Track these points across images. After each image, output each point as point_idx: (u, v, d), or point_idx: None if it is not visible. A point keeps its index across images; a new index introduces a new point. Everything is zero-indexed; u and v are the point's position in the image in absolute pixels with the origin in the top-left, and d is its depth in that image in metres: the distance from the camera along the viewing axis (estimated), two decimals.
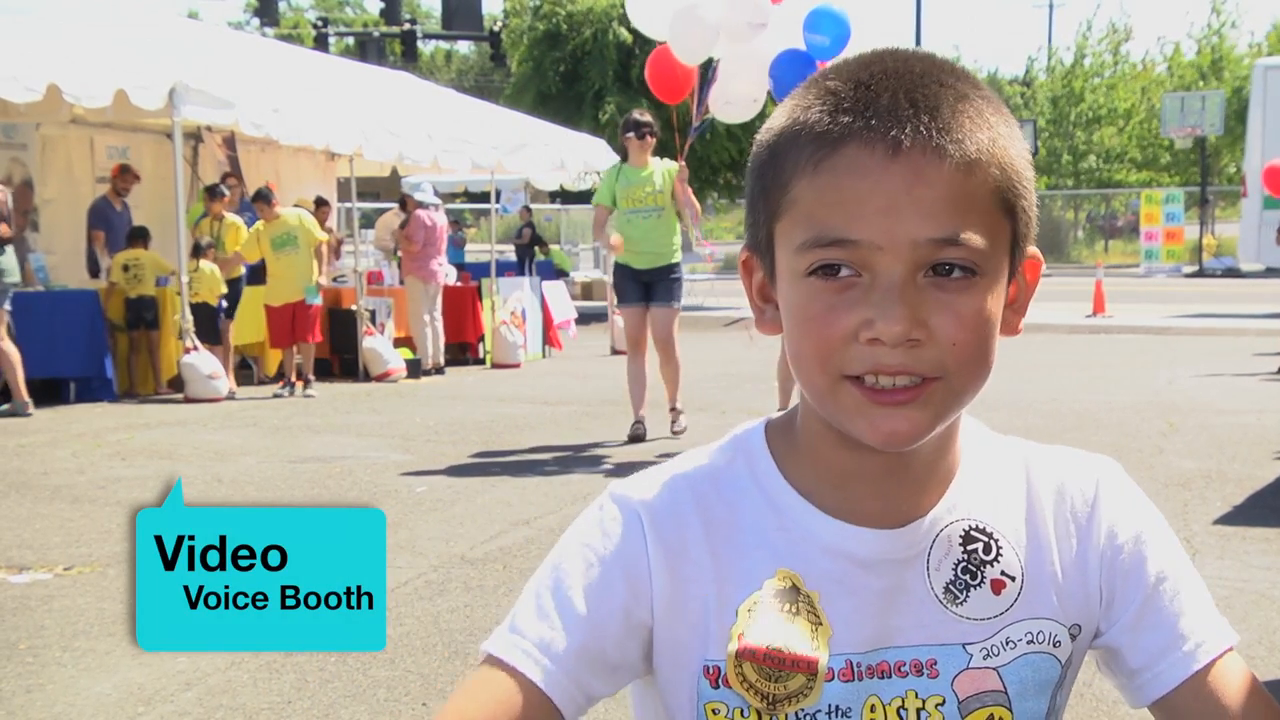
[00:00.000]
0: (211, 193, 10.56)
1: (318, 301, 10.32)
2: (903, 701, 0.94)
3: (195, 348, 9.73)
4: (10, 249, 8.67)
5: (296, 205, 10.82)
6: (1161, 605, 0.97)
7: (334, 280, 11.93)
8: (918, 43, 23.83)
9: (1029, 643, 0.95)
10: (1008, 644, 0.95)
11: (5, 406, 8.79)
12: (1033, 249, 0.94)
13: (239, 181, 11.44)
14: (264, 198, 10.27)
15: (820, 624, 0.93)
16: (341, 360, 11.11)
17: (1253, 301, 17.74)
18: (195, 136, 11.96)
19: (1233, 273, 25.22)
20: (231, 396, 9.81)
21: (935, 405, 0.87)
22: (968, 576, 0.95)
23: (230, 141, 11.90)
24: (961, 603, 0.95)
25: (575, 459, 6.99)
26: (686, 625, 0.95)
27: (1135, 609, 0.97)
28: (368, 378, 11.06)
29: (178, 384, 9.88)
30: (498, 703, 0.91)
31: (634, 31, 18.46)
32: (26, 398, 8.81)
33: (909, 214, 0.84)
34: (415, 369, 11.31)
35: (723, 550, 0.95)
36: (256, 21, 38.23)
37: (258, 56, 12.10)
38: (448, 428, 8.25)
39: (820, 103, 0.88)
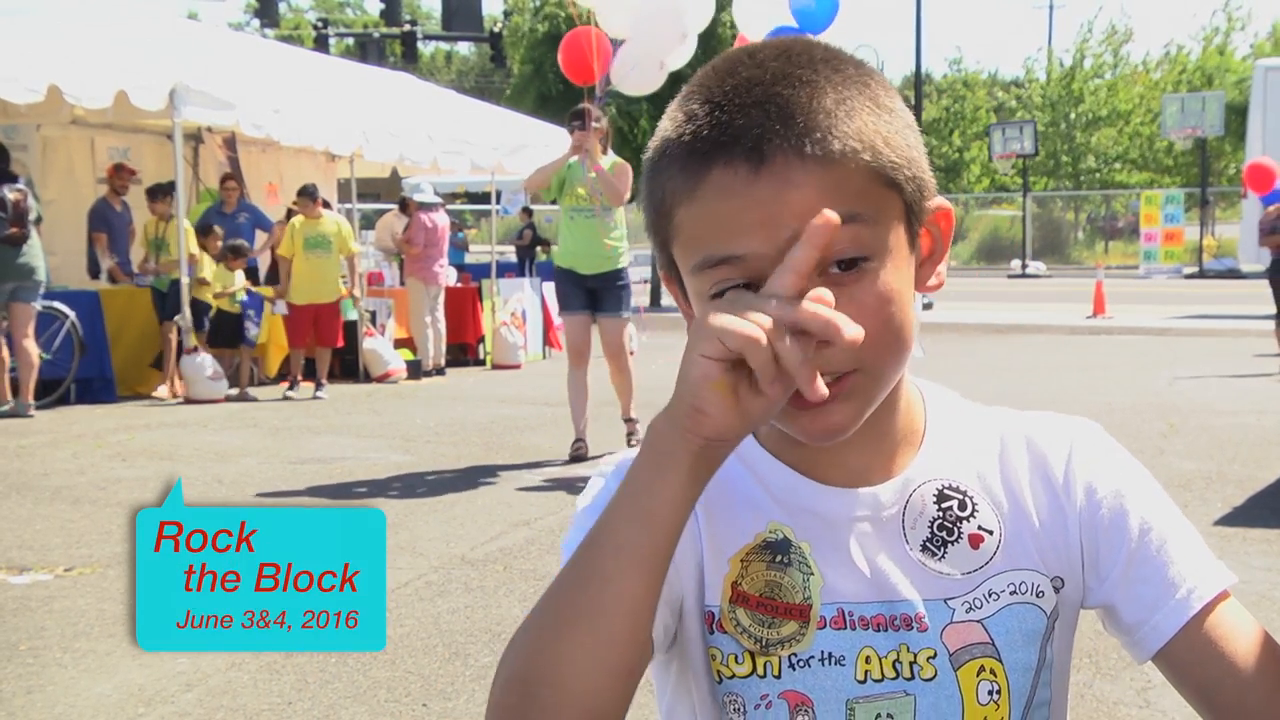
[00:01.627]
0: (152, 194, 10.25)
1: (353, 316, 10.41)
2: (897, 654, 0.95)
3: (195, 348, 9.73)
4: (37, 248, 8.75)
5: (294, 206, 10.77)
6: (1149, 556, 0.97)
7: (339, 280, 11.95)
8: (918, 43, 23.77)
9: (1011, 593, 0.96)
10: (990, 595, 0.96)
11: (7, 406, 8.81)
12: (937, 200, 0.94)
13: (239, 183, 11.42)
14: (309, 194, 10.23)
15: (813, 573, 0.96)
16: (342, 361, 11.11)
17: (1253, 302, 17.73)
18: (196, 137, 11.96)
19: (1233, 274, 25.23)
20: (246, 398, 9.77)
21: (858, 395, 0.89)
22: (944, 533, 0.97)
23: (231, 142, 11.90)
24: (940, 559, 0.96)
25: (575, 460, 6.99)
26: (690, 576, 0.97)
27: (1122, 564, 0.97)
28: (368, 379, 11.06)
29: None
30: None
31: None
32: (30, 400, 8.85)
33: (784, 219, 0.84)
34: (416, 370, 11.31)
35: (714, 507, 0.97)
36: (257, 22, 38.23)
37: (258, 57, 12.11)
38: (448, 428, 8.25)
39: (681, 129, 0.90)
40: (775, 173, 0.85)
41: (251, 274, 10.74)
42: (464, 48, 53.46)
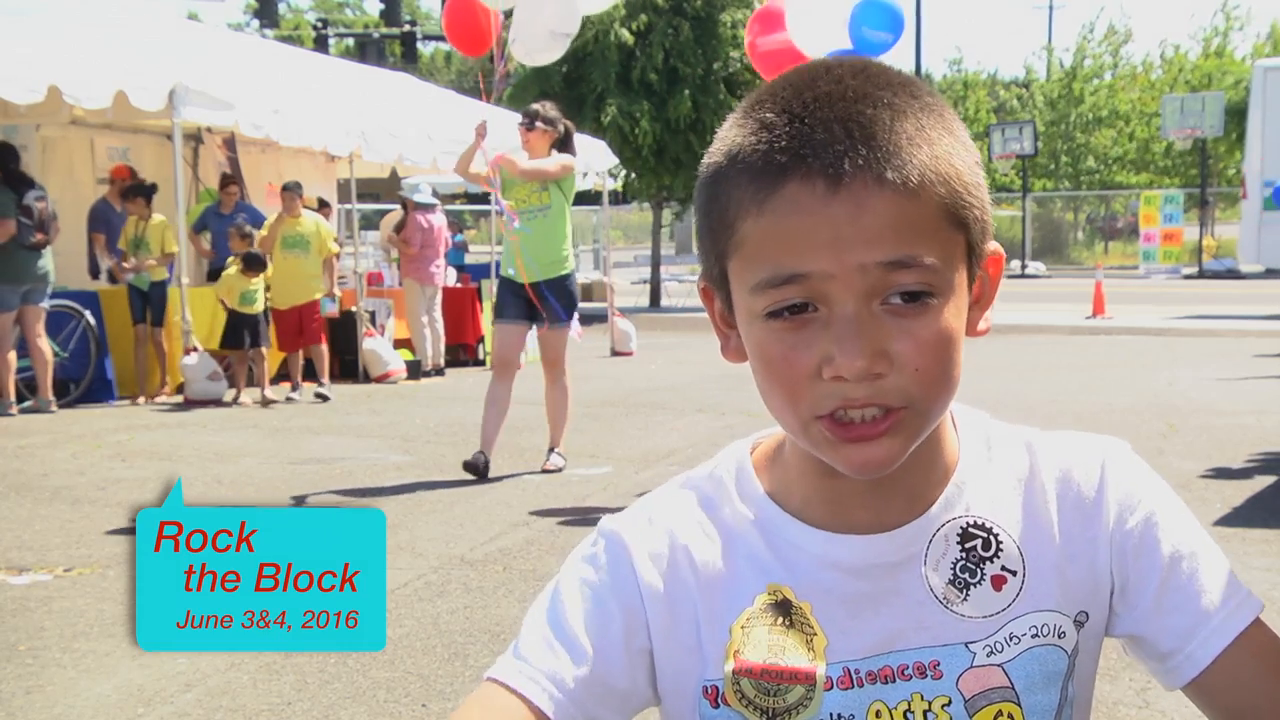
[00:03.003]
0: (128, 193, 10.10)
1: (333, 310, 10.30)
2: (909, 705, 0.93)
3: (195, 349, 9.72)
4: (48, 251, 9.00)
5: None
6: (1180, 585, 0.95)
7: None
8: (918, 43, 23.79)
9: (1033, 636, 0.94)
10: (1011, 639, 0.94)
11: (28, 403, 8.95)
12: (992, 245, 0.93)
13: (239, 185, 11.42)
14: (291, 191, 10.10)
15: (815, 634, 0.94)
16: (342, 361, 11.11)
17: (1252, 303, 17.74)
18: (195, 138, 11.96)
19: (1232, 274, 25.22)
20: (264, 402, 9.59)
21: (905, 431, 0.88)
22: (966, 575, 0.95)
23: (230, 143, 11.90)
24: (962, 602, 0.94)
25: (574, 460, 6.99)
26: (682, 648, 0.96)
27: (1153, 593, 0.96)
28: (368, 379, 11.06)
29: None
30: None
31: (636, 33, 18.49)
32: (50, 396, 9.00)
33: (855, 242, 0.83)
34: (415, 370, 11.31)
35: (711, 573, 0.96)
36: (256, 23, 38.23)
37: (258, 58, 12.11)
38: (448, 429, 8.25)
39: (755, 138, 0.87)
40: (853, 194, 0.83)
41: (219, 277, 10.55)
42: None
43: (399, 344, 11.84)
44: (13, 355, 8.86)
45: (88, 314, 9.63)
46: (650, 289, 21.10)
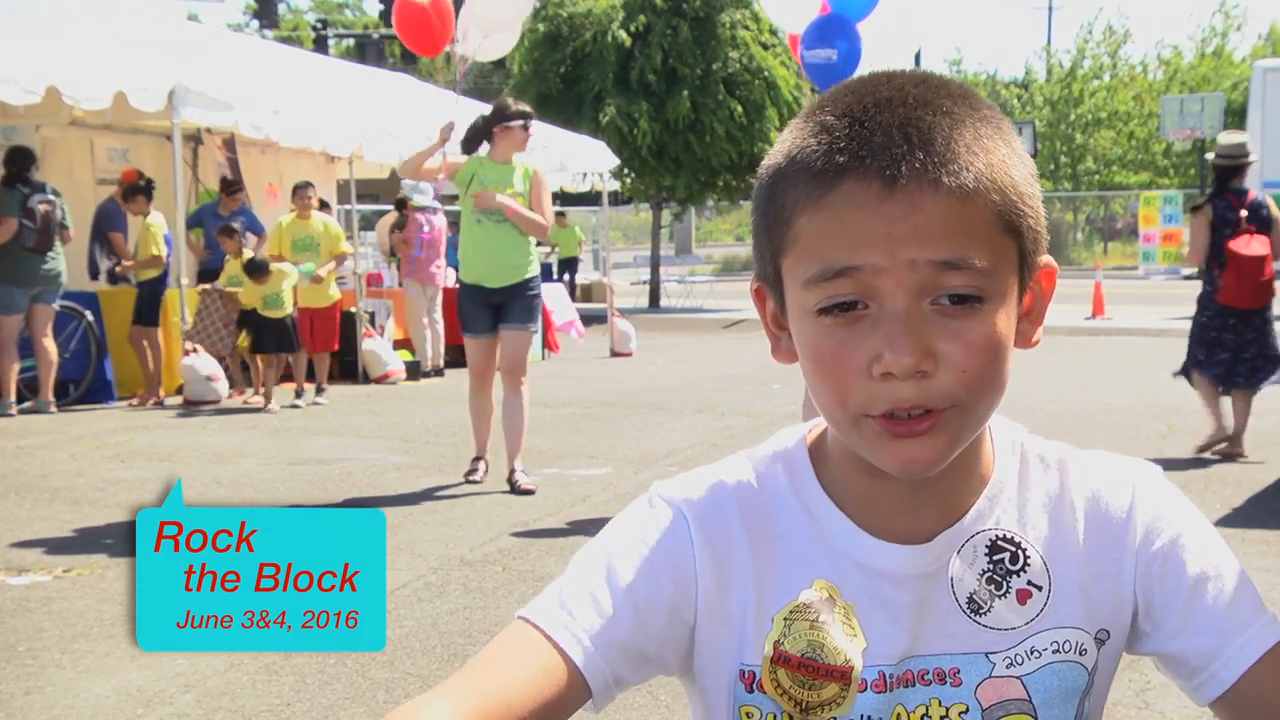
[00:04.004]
0: (131, 192, 10.03)
1: (309, 273, 9.80)
2: (926, 709, 0.95)
3: (194, 350, 9.72)
4: (60, 254, 9.05)
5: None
6: (1205, 606, 0.97)
7: (335, 281, 11.93)
8: (917, 45, 23.79)
9: (1055, 652, 0.96)
10: (1032, 653, 0.96)
11: (28, 403, 8.96)
12: (1046, 258, 0.95)
13: (240, 187, 11.40)
14: (305, 190, 9.99)
15: (855, 635, 0.95)
16: (341, 362, 11.10)
17: None
18: (195, 138, 11.96)
19: None
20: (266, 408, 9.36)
21: (951, 431, 0.89)
22: (992, 586, 0.96)
23: (230, 143, 11.90)
24: (986, 612, 0.96)
25: (574, 461, 6.99)
26: (726, 628, 0.97)
27: (1179, 613, 0.98)
28: (367, 380, 11.06)
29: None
30: (538, 670, 0.92)
31: (634, 34, 18.49)
32: (50, 397, 9.00)
33: (908, 239, 0.85)
34: (415, 371, 11.31)
35: (763, 557, 0.97)
36: (256, 23, 38.26)
37: (257, 58, 12.11)
38: (447, 430, 8.25)
39: (815, 140, 0.89)
40: (908, 195, 0.85)
41: (212, 276, 10.35)
42: None
43: (398, 345, 11.83)
44: (9, 358, 8.86)
45: (88, 314, 9.63)
46: (650, 290, 21.11)
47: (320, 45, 27.02)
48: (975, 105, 0.91)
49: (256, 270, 9.52)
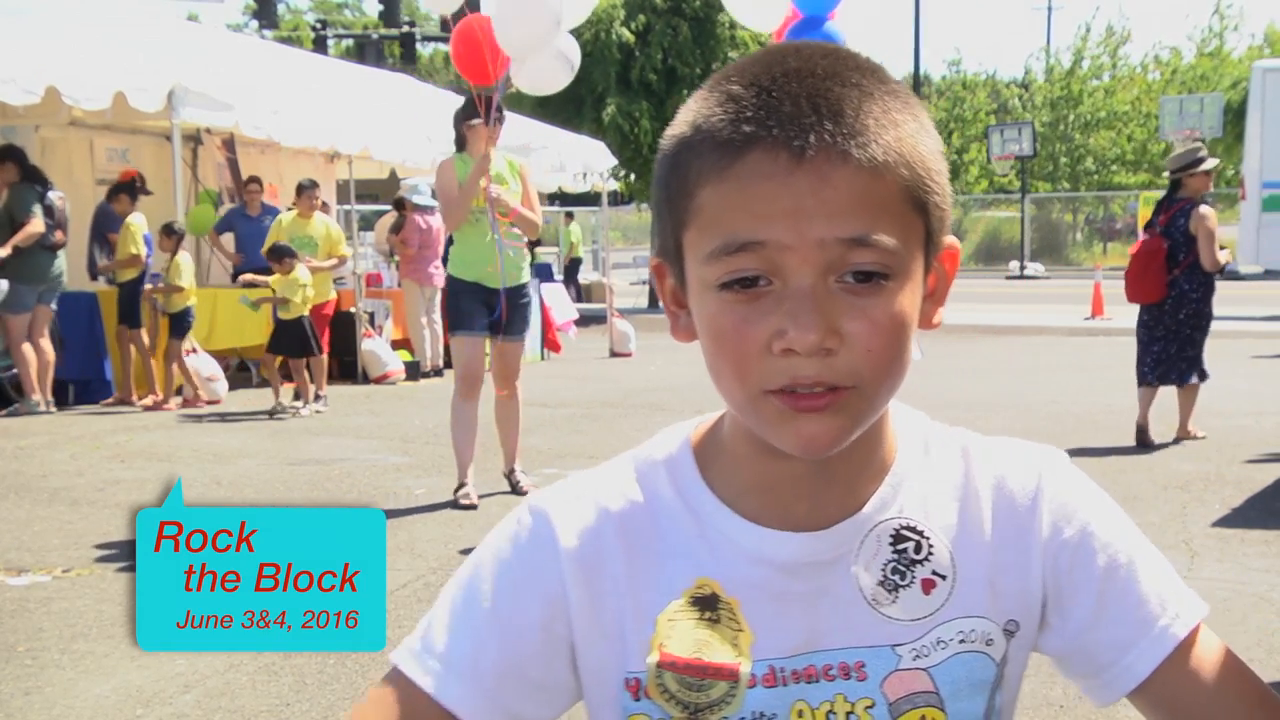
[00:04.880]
0: (117, 190, 9.97)
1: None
2: (831, 705, 0.92)
3: (194, 350, 9.71)
4: (62, 253, 9.08)
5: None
6: (1118, 596, 0.94)
7: (334, 282, 11.92)
8: (917, 43, 23.84)
9: (960, 642, 0.93)
10: (938, 644, 0.93)
11: (15, 405, 8.95)
12: (949, 239, 0.92)
13: (238, 187, 11.40)
14: (306, 189, 9.84)
15: (741, 631, 0.92)
16: (340, 362, 11.11)
17: (1251, 304, 17.75)
18: (195, 139, 11.96)
19: (1231, 275, 25.22)
20: (277, 413, 9.14)
21: (851, 411, 0.86)
22: (897, 577, 0.93)
23: (230, 144, 11.90)
24: (890, 604, 0.93)
25: (573, 461, 6.99)
26: (605, 638, 0.93)
27: (1091, 605, 0.94)
28: (366, 380, 11.06)
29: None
30: None
31: (636, 33, 18.49)
32: (48, 397, 8.98)
33: (816, 215, 0.82)
34: (414, 371, 11.31)
35: (640, 561, 0.94)
36: (255, 24, 38.23)
37: (257, 59, 12.12)
38: (446, 430, 8.16)
39: (722, 109, 0.86)
40: (816, 167, 0.82)
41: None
42: None
43: (397, 345, 11.83)
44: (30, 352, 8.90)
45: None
46: (649, 290, 21.10)
47: (320, 45, 27.00)
48: (884, 79, 0.88)
49: (279, 255, 9.25)
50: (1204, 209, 7.21)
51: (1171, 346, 7.30)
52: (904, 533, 0.94)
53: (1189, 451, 7.06)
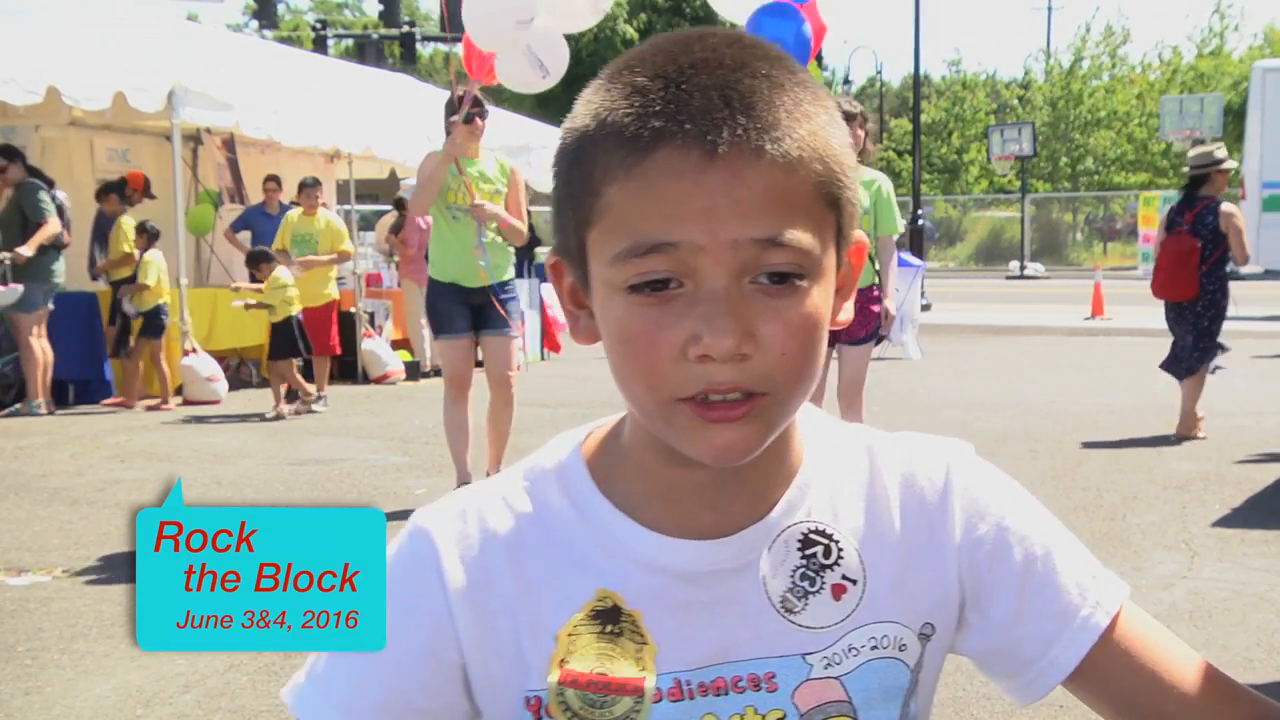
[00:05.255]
0: (104, 190, 9.99)
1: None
2: (741, 718, 0.89)
3: (194, 350, 9.71)
4: (62, 252, 9.10)
5: (293, 203, 10.61)
6: (1038, 591, 0.92)
7: (335, 282, 11.92)
8: (917, 43, 23.81)
9: (873, 649, 0.91)
10: (850, 651, 0.90)
11: (17, 406, 8.94)
12: (857, 232, 0.89)
13: (238, 187, 11.38)
14: (309, 186, 9.74)
15: (645, 643, 0.88)
16: (341, 362, 11.10)
17: (1251, 304, 17.74)
18: (195, 139, 11.96)
19: (1231, 275, 25.23)
20: (280, 417, 9.03)
21: (767, 418, 0.83)
22: (806, 583, 0.90)
23: (230, 144, 11.90)
24: (800, 611, 0.90)
25: None
26: (500, 658, 0.90)
27: (1011, 601, 0.92)
28: (366, 380, 11.06)
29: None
30: None
31: (641, 30, 18.51)
32: (47, 397, 8.98)
33: (729, 215, 0.78)
34: (414, 371, 11.31)
35: (534, 575, 0.90)
36: (255, 24, 38.23)
37: (257, 59, 12.13)
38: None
39: (627, 102, 0.81)
40: (729, 164, 0.78)
41: None
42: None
43: (397, 345, 11.83)
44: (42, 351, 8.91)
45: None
46: None
47: (320, 45, 27.01)
48: (792, 68, 0.84)
49: (255, 260, 9.37)
50: (1231, 206, 7.54)
51: (1191, 339, 7.53)
52: (812, 536, 0.91)
53: (1189, 451, 7.06)
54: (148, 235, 9.62)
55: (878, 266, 5.67)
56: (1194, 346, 7.49)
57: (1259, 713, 0.90)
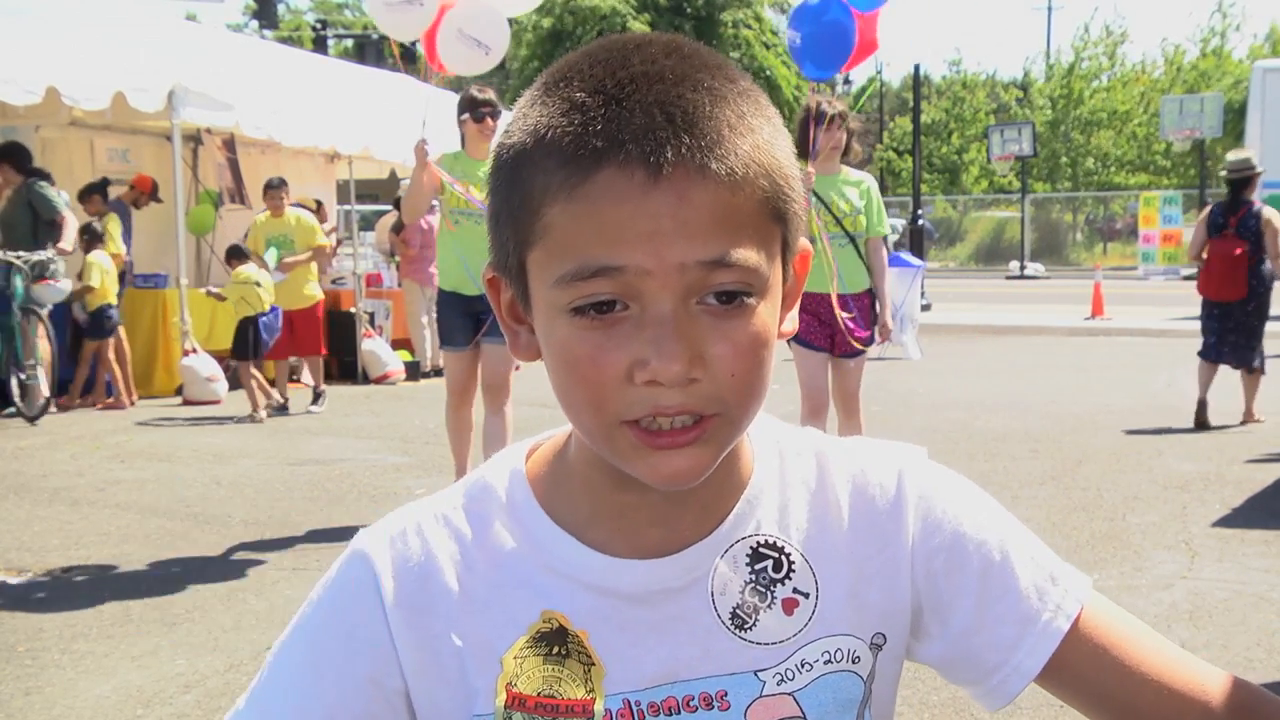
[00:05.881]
0: (87, 191, 9.96)
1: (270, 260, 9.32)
2: None
3: (194, 350, 9.70)
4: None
5: (298, 204, 10.56)
6: (998, 596, 0.90)
7: (333, 282, 11.91)
8: (916, 44, 23.78)
9: (826, 663, 0.89)
10: (803, 666, 0.88)
11: (15, 406, 8.94)
12: (803, 241, 0.87)
13: (238, 187, 11.36)
14: (274, 187, 9.59)
15: (593, 664, 0.86)
16: (340, 363, 11.11)
17: None
18: (195, 139, 11.95)
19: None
20: (283, 410, 9.06)
21: (718, 440, 0.81)
22: (756, 598, 0.88)
23: (230, 144, 11.89)
24: (750, 627, 0.88)
25: None
26: (445, 683, 0.87)
27: (971, 609, 0.90)
28: (366, 380, 11.06)
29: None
30: None
31: (651, 25, 18.51)
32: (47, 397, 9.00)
33: (675, 238, 0.76)
34: (414, 371, 11.31)
35: (478, 597, 0.88)
36: (255, 24, 38.23)
37: (257, 59, 12.12)
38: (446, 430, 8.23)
39: (566, 119, 0.78)
40: (674, 185, 0.76)
41: None
42: None
43: (397, 345, 11.83)
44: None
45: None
46: None
47: (320, 45, 26.99)
48: (733, 78, 0.82)
49: (231, 255, 9.45)
50: (1271, 211, 8.00)
51: (1242, 337, 7.97)
52: (762, 550, 0.89)
53: (1189, 451, 7.06)
54: (89, 236, 9.49)
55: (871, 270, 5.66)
56: (1245, 345, 7.92)
57: (1238, 699, 0.89)
